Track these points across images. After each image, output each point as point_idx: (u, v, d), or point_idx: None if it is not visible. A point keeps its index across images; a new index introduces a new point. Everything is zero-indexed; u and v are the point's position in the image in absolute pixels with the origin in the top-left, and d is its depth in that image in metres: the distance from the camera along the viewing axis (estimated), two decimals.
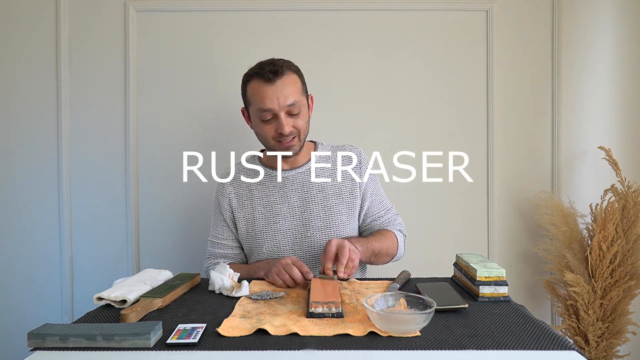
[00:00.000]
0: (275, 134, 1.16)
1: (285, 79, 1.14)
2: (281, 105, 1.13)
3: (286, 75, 1.15)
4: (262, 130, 1.18)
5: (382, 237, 1.21)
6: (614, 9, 1.68)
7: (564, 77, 1.68)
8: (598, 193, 1.63)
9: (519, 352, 0.67)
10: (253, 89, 1.16)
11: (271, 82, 1.13)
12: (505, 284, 0.93)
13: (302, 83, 1.21)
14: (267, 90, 1.13)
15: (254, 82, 1.16)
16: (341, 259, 0.98)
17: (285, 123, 1.14)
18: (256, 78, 1.15)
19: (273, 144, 1.19)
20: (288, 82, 1.15)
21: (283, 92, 1.13)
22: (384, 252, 1.19)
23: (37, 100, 1.65)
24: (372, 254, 1.16)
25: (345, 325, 0.76)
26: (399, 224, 1.30)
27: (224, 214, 1.28)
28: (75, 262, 1.67)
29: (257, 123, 1.19)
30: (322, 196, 1.23)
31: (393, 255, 1.25)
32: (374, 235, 1.21)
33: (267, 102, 1.13)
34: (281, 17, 1.66)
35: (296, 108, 1.15)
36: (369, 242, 1.16)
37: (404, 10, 1.67)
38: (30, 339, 0.70)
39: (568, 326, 1.58)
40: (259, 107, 1.15)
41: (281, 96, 1.13)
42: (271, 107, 1.13)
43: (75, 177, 1.67)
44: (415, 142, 1.68)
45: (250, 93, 1.18)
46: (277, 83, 1.13)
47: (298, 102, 1.15)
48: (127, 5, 1.64)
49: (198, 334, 0.73)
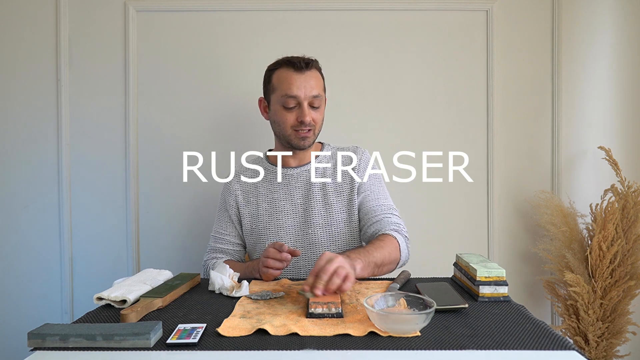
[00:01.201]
0: (295, 122, 1.20)
1: (313, 73, 1.21)
2: (307, 95, 1.19)
3: (314, 69, 1.22)
4: (283, 117, 1.21)
5: (382, 244, 1.12)
6: (614, 9, 1.68)
7: (564, 77, 1.68)
8: (598, 193, 1.63)
9: (519, 352, 0.67)
10: (281, 76, 1.21)
11: (301, 71, 1.19)
12: (505, 284, 0.93)
13: (324, 82, 1.27)
14: (297, 78, 1.19)
15: (282, 70, 1.21)
16: (321, 275, 0.88)
17: (307, 112, 1.19)
18: (286, 66, 1.21)
19: (290, 132, 1.22)
20: (315, 75, 1.22)
21: (310, 83, 1.19)
22: (387, 260, 1.11)
23: (37, 100, 1.65)
24: (375, 265, 1.07)
25: (345, 325, 0.76)
26: (394, 223, 1.22)
27: (229, 210, 1.30)
28: (75, 262, 1.67)
29: (278, 110, 1.22)
30: (323, 194, 1.25)
31: (397, 261, 1.17)
32: (373, 245, 1.12)
33: (294, 89, 1.18)
34: (281, 17, 1.66)
35: (318, 101, 1.21)
36: (369, 255, 1.06)
37: (404, 10, 1.67)
38: (30, 339, 0.70)
39: (568, 326, 1.58)
40: (285, 94, 1.19)
41: (308, 86, 1.19)
42: (297, 94, 1.18)
43: (75, 177, 1.67)
44: (415, 142, 1.68)
45: (277, 80, 1.22)
46: (307, 74, 1.20)
47: (320, 96, 1.22)
48: (127, 5, 1.64)
49: (198, 334, 0.73)
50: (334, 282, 0.87)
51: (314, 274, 0.89)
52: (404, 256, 1.19)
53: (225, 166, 1.65)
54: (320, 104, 1.22)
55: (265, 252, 1.08)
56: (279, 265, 1.06)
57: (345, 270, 0.89)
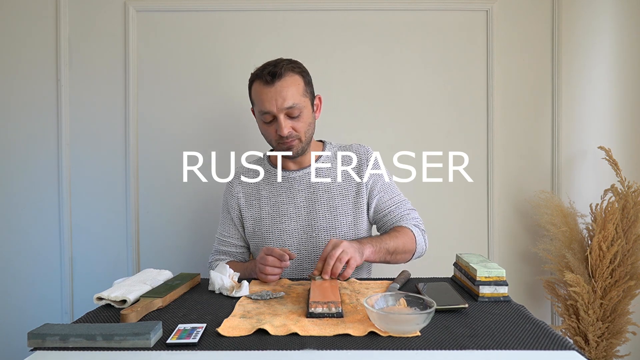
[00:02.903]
0: (276, 135, 1.17)
1: (285, 81, 1.13)
2: (279, 108, 1.13)
3: (287, 77, 1.14)
4: (265, 131, 1.21)
5: (397, 234, 1.16)
6: (614, 9, 1.68)
7: (564, 77, 1.68)
8: (598, 193, 1.63)
9: (519, 352, 0.67)
10: (255, 91, 1.18)
11: (270, 85, 1.13)
12: (505, 284, 0.93)
13: (306, 84, 1.19)
14: (267, 92, 1.13)
15: (255, 84, 1.18)
16: (328, 260, 0.98)
17: (284, 125, 1.14)
18: (257, 80, 1.17)
19: (275, 144, 1.21)
20: (288, 84, 1.13)
21: (281, 94, 1.12)
22: (400, 249, 1.14)
23: (37, 100, 1.65)
24: (387, 252, 1.12)
25: (345, 325, 0.76)
26: (413, 218, 1.24)
27: (232, 213, 1.29)
28: (75, 262, 1.67)
29: (260, 124, 1.22)
30: (328, 197, 1.23)
31: (413, 252, 1.19)
32: (388, 234, 1.18)
33: (265, 104, 1.14)
34: (281, 17, 1.66)
35: (296, 110, 1.14)
36: (382, 242, 1.11)
37: (404, 10, 1.67)
38: (30, 339, 0.70)
39: (568, 326, 1.58)
40: (260, 109, 1.17)
41: (279, 98, 1.12)
42: (270, 109, 1.14)
43: (75, 177, 1.67)
44: (415, 142, 1.68)
45: (253, 95, 1.20)
46: (276, 85, 1.13)
47: (298, 104, 1.14)
48: (127, 5, 1.64)
49: (198, 334, 0.73)
50: (337, 267, 0.98)
51: (323, 259, 1.00)
52: (420, 248, 1.22)
53: (226, 166, 1.65)
54: (300, 112, 1.15)
55: (262, 259, 1.04)
56: (277, 271, 1.04)
57: (347, 255, 0.99)
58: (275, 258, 1.03)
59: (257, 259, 1.08)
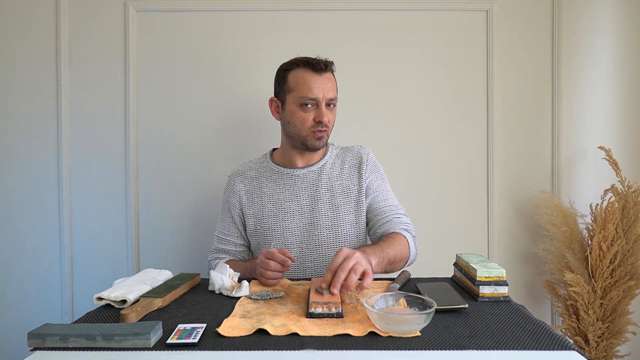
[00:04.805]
0: (312, 122, 1.20)
1: (330, 75, 1.23)
2: (325, 97, 1.20)
3: (330, 72, 1.24)
4: (299, 117, 1.21)
5: (394, 242, 1.15)
6: (614, 9, 1.68)
7: (564, 77, 1.68)
8: (598, 193, 1.63)
9: (519, 352, 0.67)
10: (298, 77, 1.21)
11: (320, 73, 1.20)
12: (505, 284, 0.93)
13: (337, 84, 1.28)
14: (316, 79, 1.19)
15: (300, 71, 1.21)
16: (339, 273, 0.88)
17: (325, 112, 1.20)
18: (304, 67, 1.21)
19: (307, 133, 1.21)
20: (331, 78, 1.24)
21: (328, 85, 1.21)
22: (398, 257, 1.14)
23: (37, 100, 1.65)
24: (389, 262, 1.10)
25: (345, 325, 0.76)
26: (403, 222, 1.24)
27: (232, 211, 1.29)
28: (75, 262, 1.67)
29: (294, 110, 1.22)
30: (330, 195, 1.24)
31: (406, 259, 1.19)
32: (385, 242, 1.14)
33: (314, 90, 1.19)
34: (281, 17, 1.66)
35: (334, 102, 1.24)
36: (383, 251, 1.08)
37: (404, 10, 1.67)
38: (30, 339, 0.70)
39: (568, 326, 1.58)
40: (304, 95, 1.19)
41: (327, 88, 1.20)
42: (317, 96, 1.19)
43: (75, 177, 1.66)
44: (415, 142, 1.68)
45: (294, 81, 1.21)
46: (324, 76, 1.21)
47: (335, 99, 1.24)
48: (127, 5, 1.64)
49: (198, 334, 0.73)
50: (352, 279, 0.88)
51: (332, 271, 0.89)
52: (412, 255, 1.22)
53: (226, 166, 1.65)
54: (335, 107, 1.25)
55: (263, 263, 1.03)
56: (279, 275, 1.03)
57: (362, 267, 0.90)
58: (277, 263, 1.02)
59: (257, 261, 1.07)
